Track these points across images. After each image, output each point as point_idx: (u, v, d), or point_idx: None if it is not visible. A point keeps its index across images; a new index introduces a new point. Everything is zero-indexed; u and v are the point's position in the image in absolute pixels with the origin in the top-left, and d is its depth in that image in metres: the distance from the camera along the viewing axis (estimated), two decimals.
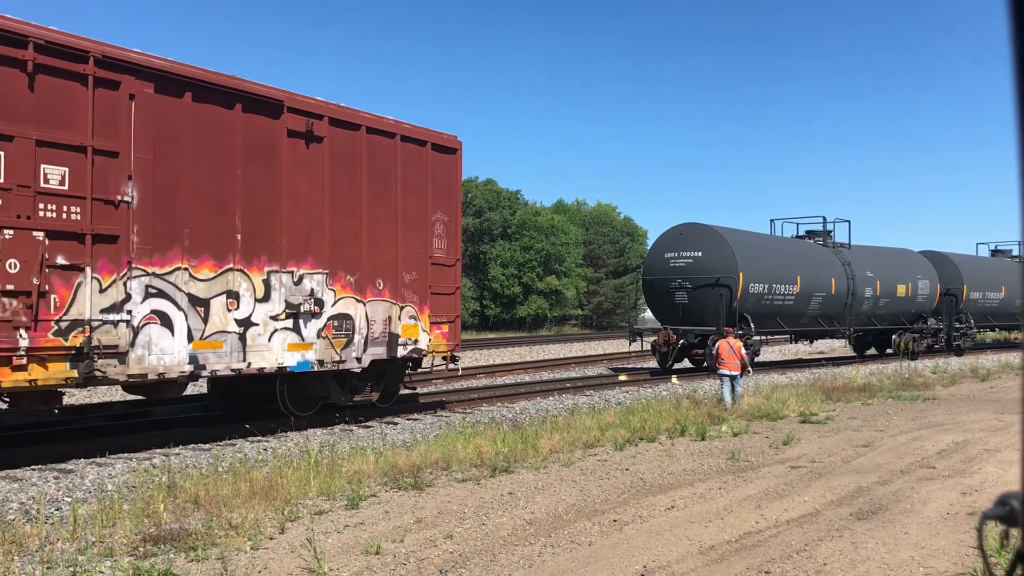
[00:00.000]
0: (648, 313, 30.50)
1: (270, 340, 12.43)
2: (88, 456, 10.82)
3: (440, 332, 15.48)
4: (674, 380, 22.09)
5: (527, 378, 23.33)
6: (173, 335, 11.08)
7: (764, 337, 29.38)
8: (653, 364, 26.44)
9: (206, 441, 12.12)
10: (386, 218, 14.35)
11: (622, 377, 23.41)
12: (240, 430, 12.66)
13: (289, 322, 12.70)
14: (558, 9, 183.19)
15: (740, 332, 21.75)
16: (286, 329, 12.66)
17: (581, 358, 30.87)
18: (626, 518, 7.69)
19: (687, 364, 25.90)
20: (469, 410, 16.15)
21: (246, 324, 12.07)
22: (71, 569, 5.98)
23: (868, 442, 11.99)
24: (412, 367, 15.81)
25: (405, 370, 15.69)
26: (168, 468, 9.21)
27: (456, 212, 16.03)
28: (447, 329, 15.66)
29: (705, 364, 23.95)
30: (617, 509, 8.04)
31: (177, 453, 11.24)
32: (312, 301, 13.00)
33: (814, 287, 27.03)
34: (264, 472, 9.09)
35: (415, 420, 14.78)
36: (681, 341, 24.21)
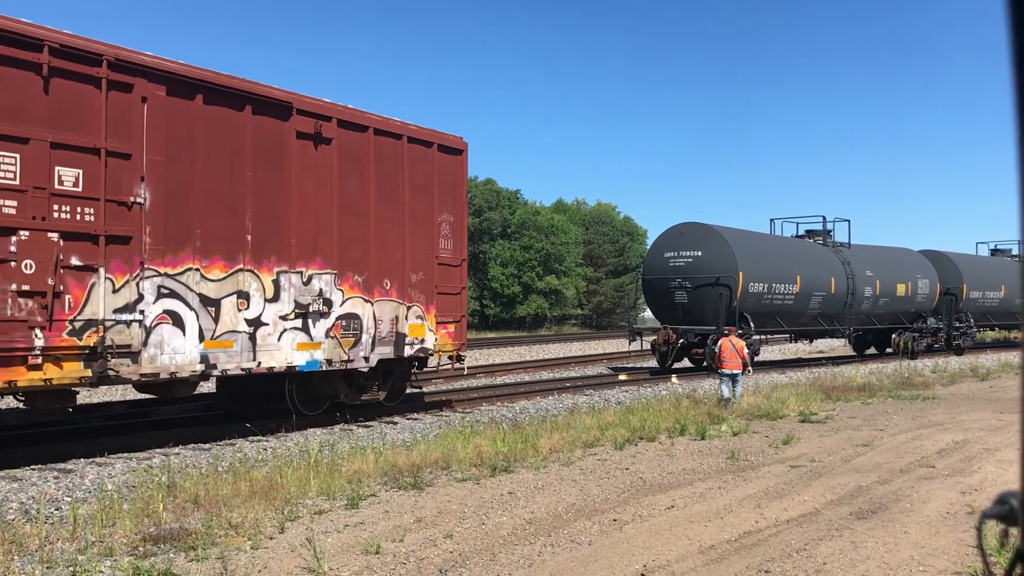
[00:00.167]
0: (648, 312, 30.50)
1: (280, 340, 12.55)
2: (88, 456, 10.81)
3: (446, 332, 15.62)
4: (674, 379, 22.09)
5: (527, 377, 23.33)
6: (185, 335, 11.22)
7: (764, 336, 29.38)
8: (653, 363, 26.44)
9: (206, 441, 12.12)
10: (393, 219, 14.48)
11: (622, 376, 23.41)
12: (240, 430, 12.66)
13: (298, 322, 12.82)
14: (558, 8, 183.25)
15: (740, 332, 21.73)
16: (295, 329, 12.79)
17: (581, 357, 30.87)
18: (626, 517, 7.69)
19: (687, 363, 25.90)
20: (469, 409, 16.15)
21: (256, 324, 12.20)
22: (71, 569, 5.98)
23: (868, 441, 12.00)
24: (418, 366, 15.92)
25: (411, 369, 15.80)
26: (168, 468, 9.21)
27: (462, 213, 16.14)
28: (453, 329, 15.78)
29: (705, 364, 23.96)
30: (617, 508, 8.05)
31: (177, 453, 11.24)
32: (321, 301, 13.12)
33: (814, 286, 27.03)
34: (264, 472, 9.09)
35: (415, 420, 14.78)
36: (681, 340, 24.21)
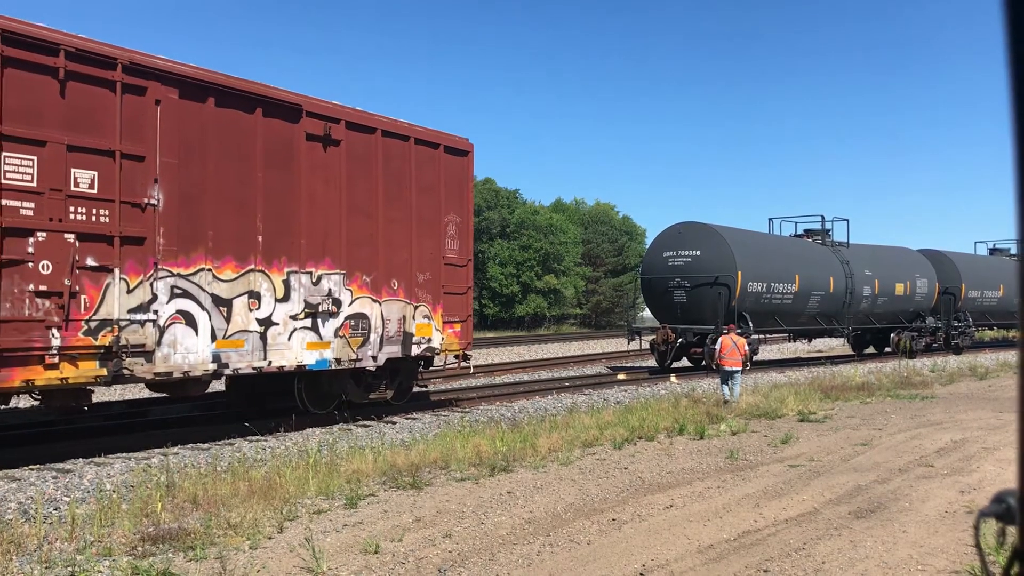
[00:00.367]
0: (647, 312, 30.51)
1: (290, 339, 12.69)
2: (86, 456, 10.81)
3: (453, 331, 15.78)
4: (673, 379, 22.10)
5: (526, 377, 23.33)
6: (197, 334, 11.35)
7: (763, 336, 29.40)
8: (652, 363, 26.45)
9: (204, 441, 12.12)
10: (401, 219, 14.62)
11: (621, 376, 23.42)
12: (239, 429, 12.67)
13: (308, 321, 12.96)
14: (557, 8, 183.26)
15: (739, 331, 21.74)
16: (305, 328, 12.93)
17: (580, 357, 30.88)
18: (625, 517, 7.69)
19: (686, 363, 25.90)
20: (468, 409, 16.15)
21: (267, 323, 12.35)
22: (69, 569, 5.98)
23: (866, 441, 12.00)
24: (424, 365, 16.08)
25: (418, 368, 15.96)
26: (166, 468, 9.21)
27: (468, 213, 16.28)
28: (459, 328, 15.96)
29: (704, 363, 23.97)
30: (616, 508, 8.05)
31: (176, 453, 11.23)
32: (330, 301, 13.28)
33: (812, 286, 27.05)
34: (263, 472, 9.09)
35: (413, 419, 14.79)
36: (680, 340, 24.22)
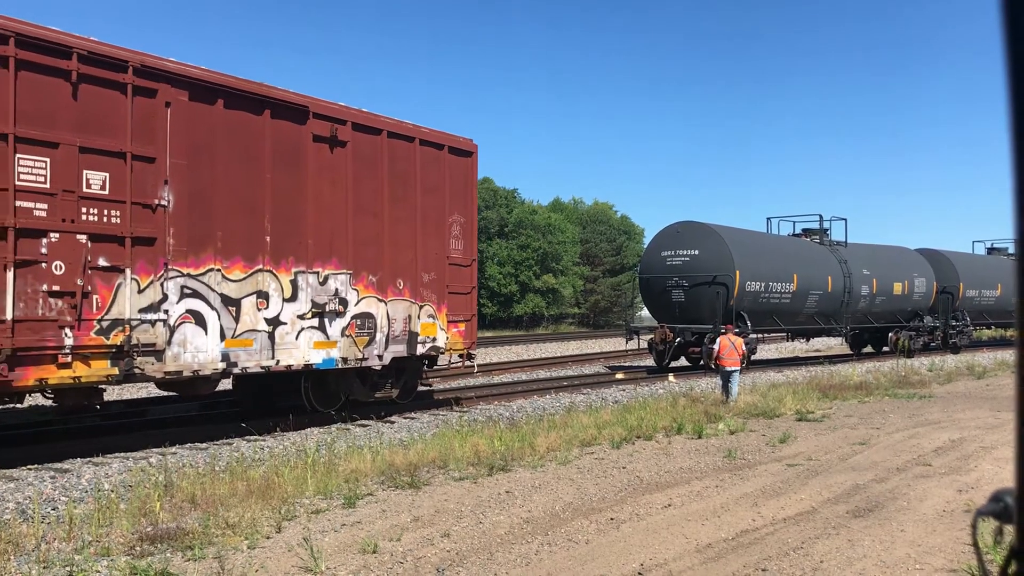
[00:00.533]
0: (645, 311, 30.50)
1: (297, 338, 12.81)
2: (84, 456, 10.79)
3: (457, 330, 15.92)
4: (671, 378, 22.10)
5: (524, 376, 23.32)
6: (207, 334, 11.48)
7: (761, 335, 29.41)
8: (650, 362, 26.46)
9: (203, 440, 12.11)
10: (406, 220, 14.76)
11: (619, 375, 23.42)
12: (237, 429, 12.68)
13: (315, 321, 13.08)
14: (556, 7, 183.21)
15: (737, 330, 21.75)
16: (312, 328, 13.06)
17: (578, 356, 30.88)
18: (623, 516, 7.69)
19: (684, 362, 25.90)
20: (466, 408, 16.16)
21: (275, 323, 12.48)
22: (68, 568, 5.97)
23: (864, 440, 12.01)
24: (428, 364, 16.22)
25: (423, 367, 16.08)
26: (165, 467, 9.19)
27: (472, 214, 16.40)
28: (464, 327, 16.09)
29: (702, 362, 23.98)
30: (614, 507, 8.04)
31: (174, 452, 11.22)
32: (337, 301, 13.40)
33: (810, 285, 27.06)
34: (261, 471, 9.08)
35: (412, 419, 14.79)
36: (678, 339, 24.22)
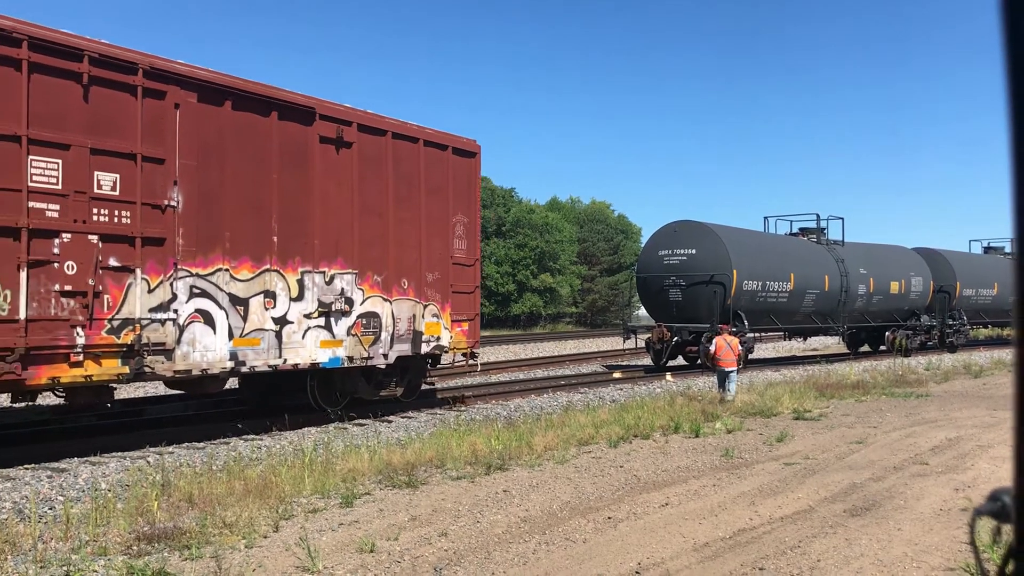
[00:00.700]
0: (642, 310, 30.55)
1: (304, 337, 12.95)
2: (81, 455, 10.78)
3: (461, 330, 16.14)
4: (668, 377, 22.11)
5: (521, 375, 23.33)
6: (215, 333, 11.65)
7: (758, 334, 29.44)
8: (647, 361, 26.47)
9: (200, 440, 12.11)
10: (410, 220, 14.92)
11: (616, 374, 23.43)
12: (234, 428, 12.68)
13: (321, 320, 13.23)
14: (553, 6, 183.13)
15: (734, 329, 21.78)
16: (318, 327, 13.21)
17: (575, 355, 30.90)
18: (620, 515, 7.70)
19: (681, 361, 25.93)
20: (463, 407, 16.17)
21: (282, 322, 12.63)
22: (65, 568, 5.96)
23: (862, 439, 12.03)
24: (432, 363, 16.41)
25: (427, 366, 16.26)
26: (162, 467, 9.19)
27: (475, 214, 16.61)
28: (467, 327, 16.34)
29: (699, 362, 24.00)
30: (612, 506, 8.05)
31: (171, 452, 11.21)
32: (343, 300, 13.56)
33: (808, 284, 27.09)
34: (258, 470, 9.08)
35: (409, 418, 14.80)
36: (675, 338, 24.26)
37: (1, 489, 8.98)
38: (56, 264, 9.77)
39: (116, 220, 10.43)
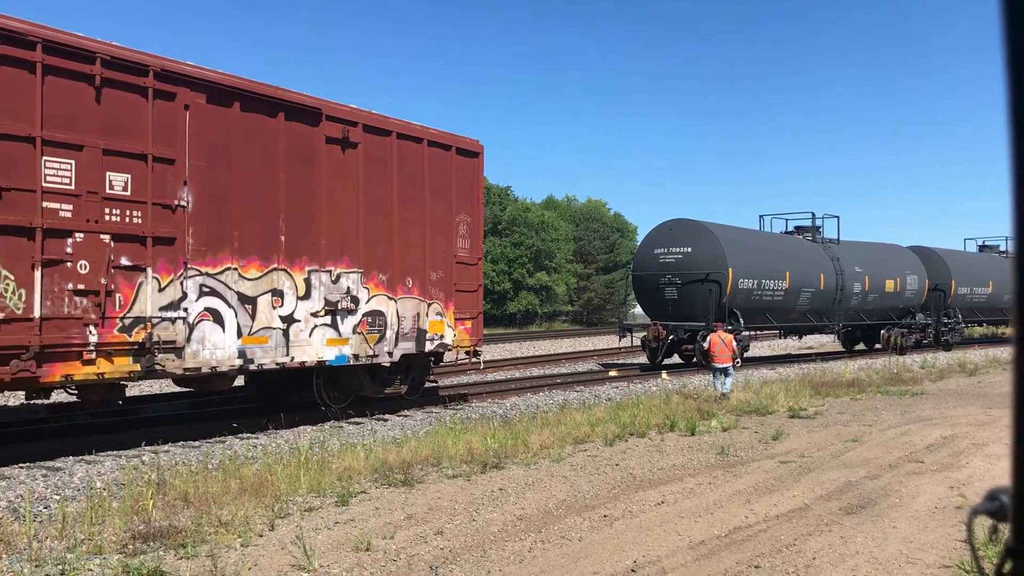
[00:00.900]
0: (638, 309, 30.55)
1: (311, 335, 13.11)
2: (76, 454, 10.77)
3: (464, 328, 16.26)
4: (664, 376, 22.15)
5: (517, 374, 23.35)
6: (224, 331, 11.81)
7: (753, 332, 29.49)
8: (643, 360, 26.50)
9: (195, 439, 12.10)
10: (415, 219, 15.08)
11: (612, 373, 23.46)
12: (230, 427, 12.67)
13: (328, 318, 13.39)
14: (549, 4, 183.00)
15: (729, 328, 21.82)
16: (325, 325, 13.37)
17: (571, 354, 30.91)
18: (616, 513, 7.71)
19: (677, 360, 25.99)
20: (459, 406, 16.18)
21: (289, 320, 12.80)
22: (60, 567, 5.95)
23: (857, 437, 12.06)
24: (435, 361, 16.58)
25: (431, 363, 16.42)
26: (157, 465, 9.18)
27: (478, 213, 16.73)
28: (470, 325, 16.44)
29: (695, 360, 24.03)
30: (607, 504, 8.06)
31: (167, 450, 11.20)
32: (348, 299, 13.71)
33: (803, 283, 27.15)
34: (254, 469, 9.08)
35: (405, 417, 14.82)
36: (671, 337, 24.29)
37: None
38: (69, 263, 9.92)
39: (128, 220, 10.57)
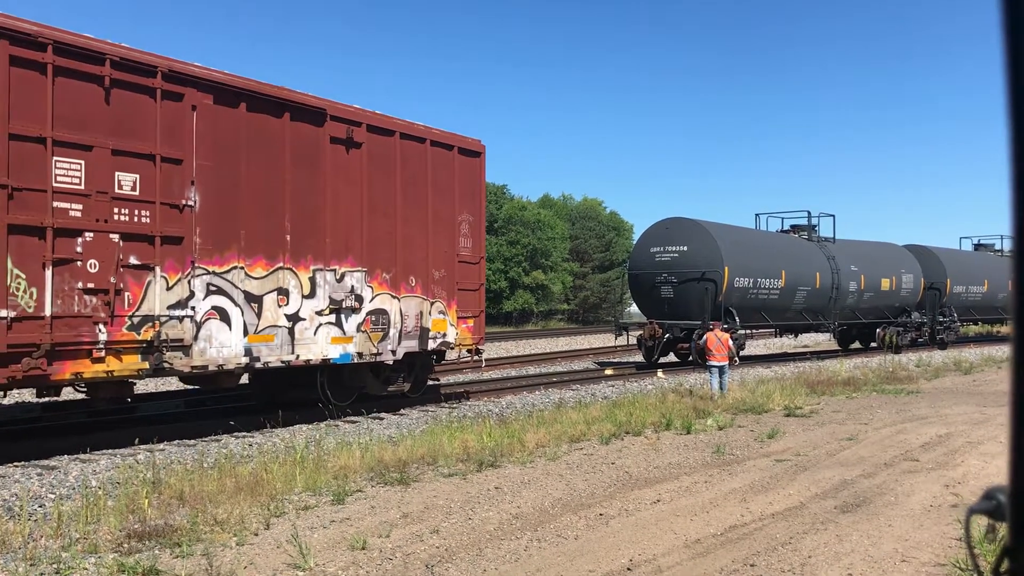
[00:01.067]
0: (634, 307, 30.58)
1: (315, 334, 13.24)
2: (72, 452, 10.75)
3: (466, 326, 16.39)
4: (660, 374, 22.16)
5: (513, 372, 23.36)
6: (231, 329, 11.95)
7: (749, 331, 29.53)
8: (639, 358, 26.52)
9: (191, 437, 12.07)
10: (418, 219, 15.18)
11: (608, 371, 23.47)
12: (225, 426, 12.65)
13: (332, 317, 13.52)
14: (545, 2, 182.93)
15: (725, 326, 21.82)
16: (329, 324, 13.51)
17: (567, 352, 30.93)
18: (612, 512, 7.71)
19: (672, 358, 25.99)
20: (455, 404, 16.18)
21: (294, 319, 12.94)
22: (55, 566, 5.93)
23: (852, 435, 12.08)
24: (437, 359, 16.73)
25: (433, 362, 16.58)
26: (153, 464, 9.14)
27: (480, 212, 16.84)
28: (472, 323, 16.57)
29: (691, 358, 24.05)
30: (603, 503, 8.06)
31: (162, 449, 11.17)
32: (353, 297, 13.83)
33: (799, 281, 27.18)
34: (250, 468, 9.05)
35: (401, 415, 14.80)
36: (667, 335, 24.30)
37: None
38: (79, 262, 10.03)
39: (136, 219, 10.68)
